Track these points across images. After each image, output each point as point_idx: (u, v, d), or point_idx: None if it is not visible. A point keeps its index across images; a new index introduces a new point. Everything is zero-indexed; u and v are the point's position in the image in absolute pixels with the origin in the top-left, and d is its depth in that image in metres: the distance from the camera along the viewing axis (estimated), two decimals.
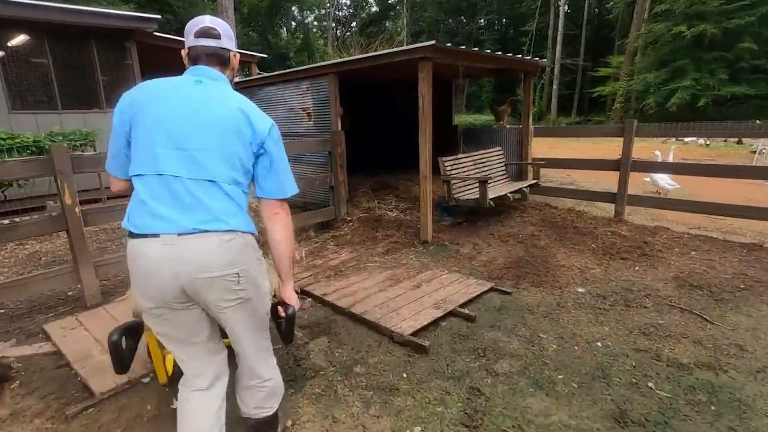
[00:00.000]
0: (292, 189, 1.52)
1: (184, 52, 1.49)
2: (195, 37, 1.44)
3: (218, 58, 1.47)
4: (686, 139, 13.99)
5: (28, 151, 5.22)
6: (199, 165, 1.32)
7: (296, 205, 5.77)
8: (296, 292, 1.67)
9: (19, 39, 6.84)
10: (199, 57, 1.45)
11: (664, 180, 6.30)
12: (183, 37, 1.50)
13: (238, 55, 1.57)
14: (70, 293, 3.60)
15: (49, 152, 3.05)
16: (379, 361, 2.46)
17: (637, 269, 3.68)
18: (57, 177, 3.03)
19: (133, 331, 1.69)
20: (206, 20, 1.47)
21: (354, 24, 38.60)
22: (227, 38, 1.49)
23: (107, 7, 7.50)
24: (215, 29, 1.46)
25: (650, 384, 2.18)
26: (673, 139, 13.54)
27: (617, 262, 3.84)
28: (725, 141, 14.31)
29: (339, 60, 5.14)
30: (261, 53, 11.73)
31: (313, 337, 2.74)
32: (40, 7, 6.44)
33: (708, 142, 14.17)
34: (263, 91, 6.17)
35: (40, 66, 6.97)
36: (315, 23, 39.85)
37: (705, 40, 19.55)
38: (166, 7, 22.22)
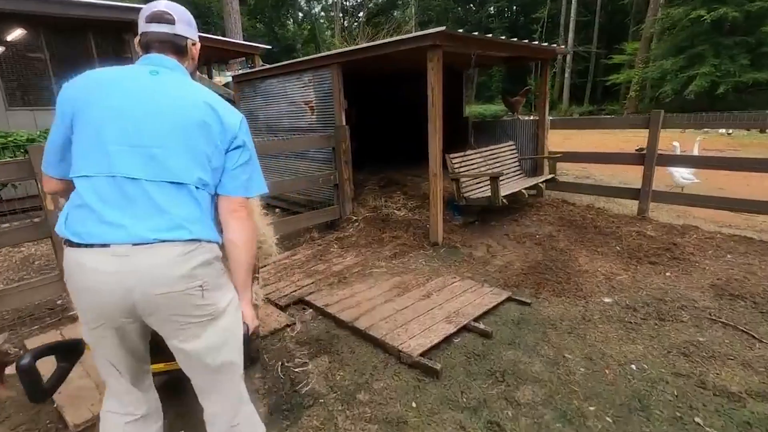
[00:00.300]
0: (260, 187, 1.35)
1: (135, 40, 1.30)
2: (146, 22, 1.27)
3: (172, 46, 1.29)
4: (705, 128, 13.39)
5: (21, 150, 5.03)
6: (160, 165, 1.14)
7: (300, 204, 5.53)
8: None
9: (16, 33, 6.64)
10: (150, 45, 1.27)
11: (679, 173, 5.88)
12: None
13: (198, 44, 1.37)
14: (59, 302, 3.40)
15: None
16: (385, 386, 2.21)
17: (669, 275, 3.36)
18: (37, 180, 2.81)
19: (68, 351, 1.46)
20: (161, 4, 1.30)
21: (362, 14, 38.00)
22: (184, 24, 1.31)
23: None
24: (169, 14, 1.28)
25: (697, 419, 1.89)
26: (692, 130, 12.97)
27: (645, 267, 3.53)
28: (748, 130, 13.70)
29: (343, 50, 4.84)
30: (268, 45, 11.42)
31: (312, 357, 2.49)
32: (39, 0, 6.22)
33: (730, 132, 13.59)
34: (264, 83, 5.89)
35: (37, 61, 6.78)
36: (322, 14, 39.36)
37: (725, 24, 18.76)
38: None
